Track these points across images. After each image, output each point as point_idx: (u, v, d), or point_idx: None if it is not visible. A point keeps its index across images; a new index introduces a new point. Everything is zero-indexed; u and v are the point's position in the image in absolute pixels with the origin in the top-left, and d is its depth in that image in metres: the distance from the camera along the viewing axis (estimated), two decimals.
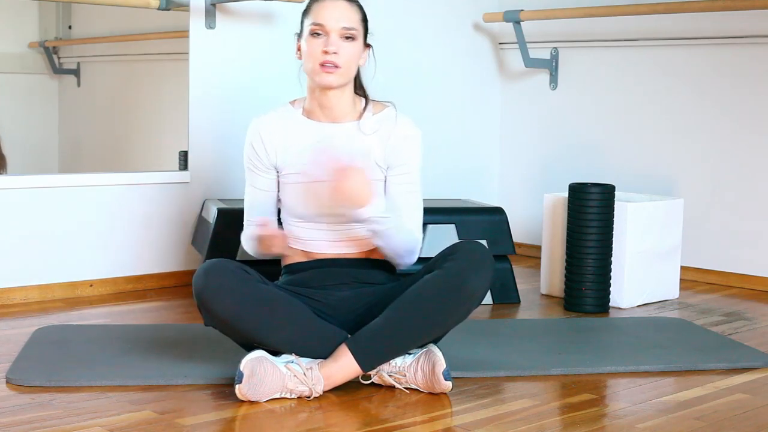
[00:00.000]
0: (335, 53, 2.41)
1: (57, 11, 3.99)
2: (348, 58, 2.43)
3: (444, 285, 2.32)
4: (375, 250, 2.50)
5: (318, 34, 2.43)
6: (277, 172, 2.52)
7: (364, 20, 2.50)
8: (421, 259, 2.67)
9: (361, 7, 2.50)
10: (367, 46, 2.51)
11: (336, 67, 2.41)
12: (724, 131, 3.85)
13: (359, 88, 2.55)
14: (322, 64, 2.41)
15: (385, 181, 2.51)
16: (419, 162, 2.54)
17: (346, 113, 2.51)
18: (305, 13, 2.49)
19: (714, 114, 3.88)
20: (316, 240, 2.49)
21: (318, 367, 2.29)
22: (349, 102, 2.50)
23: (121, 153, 4.04)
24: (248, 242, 2.57)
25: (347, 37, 2.43)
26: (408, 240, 2.46)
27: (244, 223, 2.59)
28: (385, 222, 2.38)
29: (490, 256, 2.38)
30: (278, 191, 2.54)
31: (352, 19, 2.44)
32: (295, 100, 2.57)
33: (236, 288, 2.30)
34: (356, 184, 2.30)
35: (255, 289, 2.32)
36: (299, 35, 2.50)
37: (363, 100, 2.54)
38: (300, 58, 2.50)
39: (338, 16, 2.42)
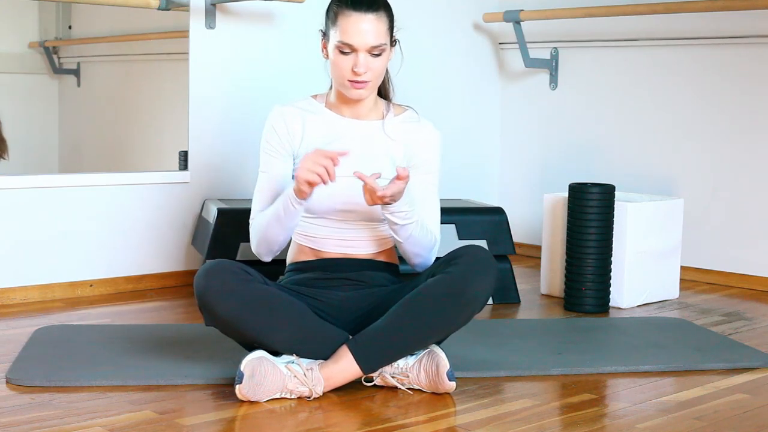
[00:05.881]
0: (364, 73, 2.40)
1: (57, 11, 3.99)
2: (377, 73, 2.43)
3: (446, 290, 2.32)
4: (381, 252, 2.51)
5: (346, 53, 2.40)
6: (293, 161, 2.49)
7: (391, 24, 2.46)
8: None
9: (387, 11, 2.45)
10: (393, 43, 2.49)
11: (365, 83, 2.42)
12: (724, 131, 3.85)
13: (383, 87, 2.55)
14: (351, 81, 2.41)
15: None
16: (439, 164, 2.58)
17: (369, 110, 2.52)
18: (331, 18, 2.43)
19: (714, 114, 3.88)
20: (324, 237, 2.48)
21: (318, 368, 2.29)
22: (372, 100, 2.52)
23: (121, 153, 4.04)
24: (257, 232, 2.46)
25: (376, 54, 2.41)
26: (429, 238, 2.48)
27: (252, 213, 2.50)
28: (410, 216, 2.39)
29: (493, 262, 2.38)
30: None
31: (380, 33, 2.40)
32: (316, 95, 2.57)
33: (237, 289, 2.29)
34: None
35: (256, 290, 2.32)
36: (324, 34, 2.47)
37: (384, 101, 2.56)
38: (326, 57, 2.47)
39: (366, 34, 2.38)
